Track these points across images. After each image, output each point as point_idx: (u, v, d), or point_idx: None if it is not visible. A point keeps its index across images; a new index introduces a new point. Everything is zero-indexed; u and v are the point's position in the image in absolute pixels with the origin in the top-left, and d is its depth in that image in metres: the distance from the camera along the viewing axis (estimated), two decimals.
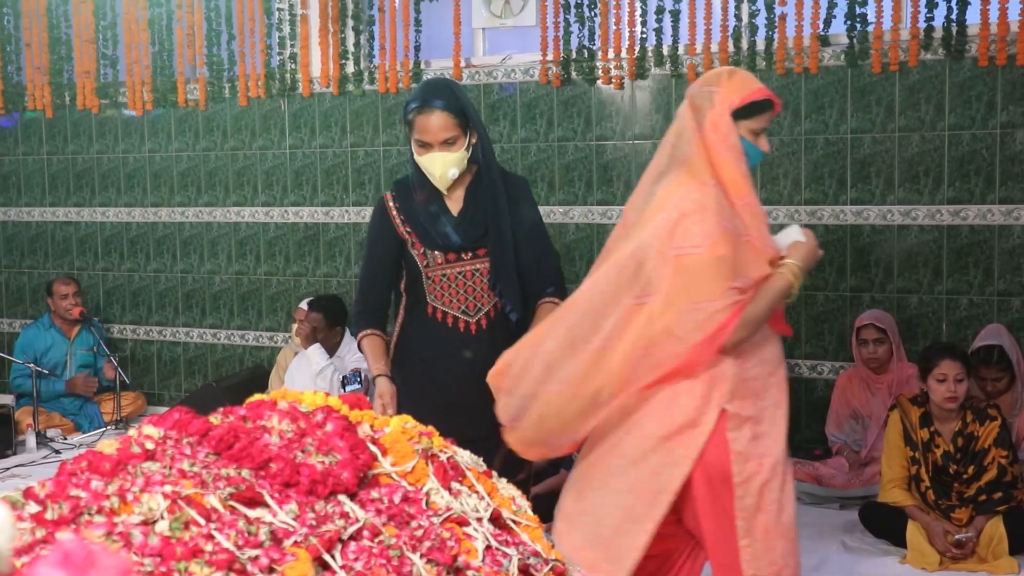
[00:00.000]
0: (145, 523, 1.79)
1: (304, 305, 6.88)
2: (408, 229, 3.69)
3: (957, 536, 4.81)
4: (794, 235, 3.16)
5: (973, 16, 5.80)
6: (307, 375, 6.67)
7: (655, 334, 2.98)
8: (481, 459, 2.37)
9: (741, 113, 3.05)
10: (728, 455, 3.03)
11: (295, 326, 6.79)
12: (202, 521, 1.82)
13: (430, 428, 2.44)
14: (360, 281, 3.88)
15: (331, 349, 6.69)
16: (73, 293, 7.54)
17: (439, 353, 3.67)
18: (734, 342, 2.99)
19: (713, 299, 2.95)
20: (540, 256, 3.74)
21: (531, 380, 3.13)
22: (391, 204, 3.73)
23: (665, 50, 6.47)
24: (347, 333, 6.82)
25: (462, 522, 2.19)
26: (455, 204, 3.70)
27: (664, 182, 3.10)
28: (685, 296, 2.96)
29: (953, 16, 5.80)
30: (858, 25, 6.01)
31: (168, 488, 1.86)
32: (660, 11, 6.42)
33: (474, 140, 3.64)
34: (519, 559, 2.18)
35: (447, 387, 3.67)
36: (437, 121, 3.52)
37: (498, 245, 3.66)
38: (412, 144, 3.62)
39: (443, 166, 3.53)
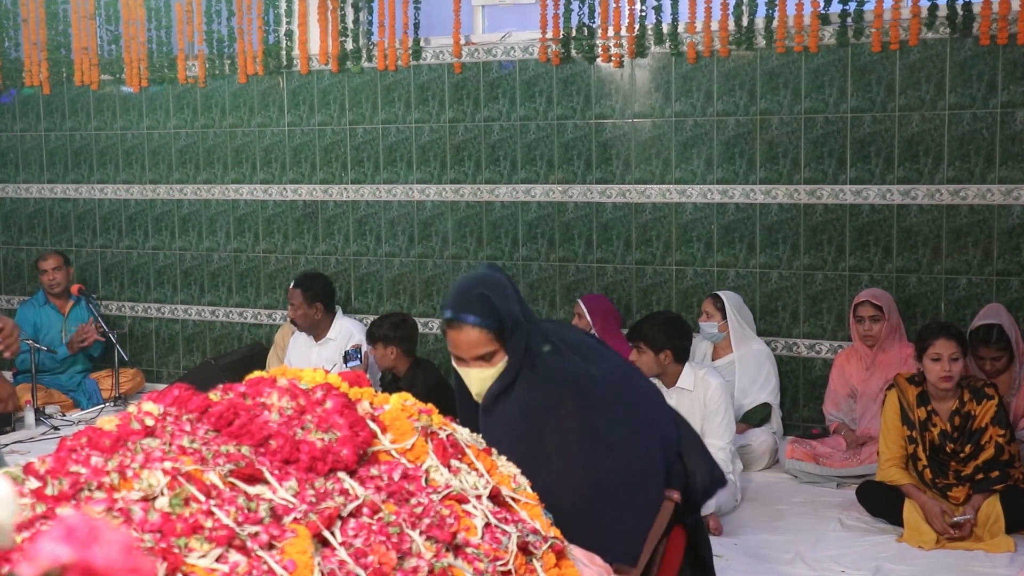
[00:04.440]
0: (145, 499, 1.79)
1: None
2: None
3: (955, 518, 4.83)
4: None
5: None
6: (305, 356, 6.68)
7: None
8: None
9: None
10: None
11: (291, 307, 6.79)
12: (202, 497, 1.82)
13: (429, 406, 2.44)
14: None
15: (313, 327, 6.67)
16: (53, 268, 7.51)
17: None
18: None
19: None
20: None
21: None
22: None
23: (665, 28, 6.45)
24: (338, 315, 6.80)
25: (461, 499, 2.20)
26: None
27: None
28: None
29: None
30: (852, 3, 5.99)
31: (168, 464, 1.87)
32: None
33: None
34: (518, 536, 2.19)
35: None
36: (469, 338, 2.98)
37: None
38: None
39: (479, 383, 3.06)
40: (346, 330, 6.69)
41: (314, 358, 6.54)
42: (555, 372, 3.03)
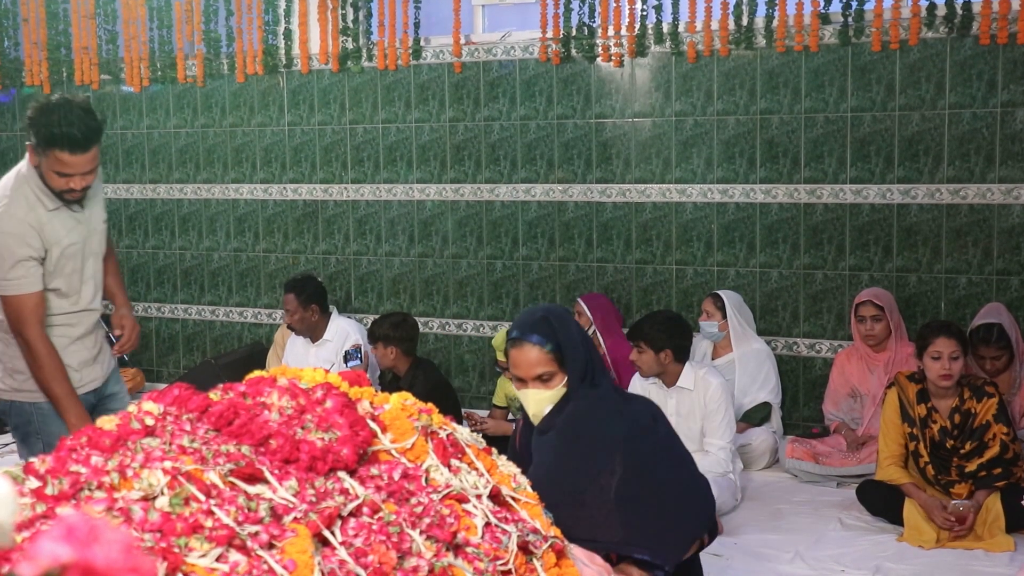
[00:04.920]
0: (145, 499, 1.79)
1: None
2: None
3: (954, 502, 4.81)
4: None
5: None
6: (302, 358, 6.67)
7: None
8: None
9: None
10: None
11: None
12: (202, 497, 1.82)
13: (429, 405, 2.44)
14: None
15: (310, 329, 6.65)
16: None
17: None
18: None
19: None
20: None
21: None
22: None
23: (665, 28, 6.45)
24: (334, 315, 6.78)
25: (461, 499, 2.20)
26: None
27: None
28: None
29: None
30: (854, 3, 6.00)
31: (168, 464, 1.87)
32: None
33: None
34: (518, 536, 2.19)
35: None
36: (529, 357, 3.15)
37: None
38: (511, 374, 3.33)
39: (536, 405, 3.18)
40: (342, 330, 6.68)
41: (311, 360, 6.53)
42: (607, 404, 3.15)
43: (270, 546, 1.79)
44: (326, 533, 1.89)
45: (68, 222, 3.87)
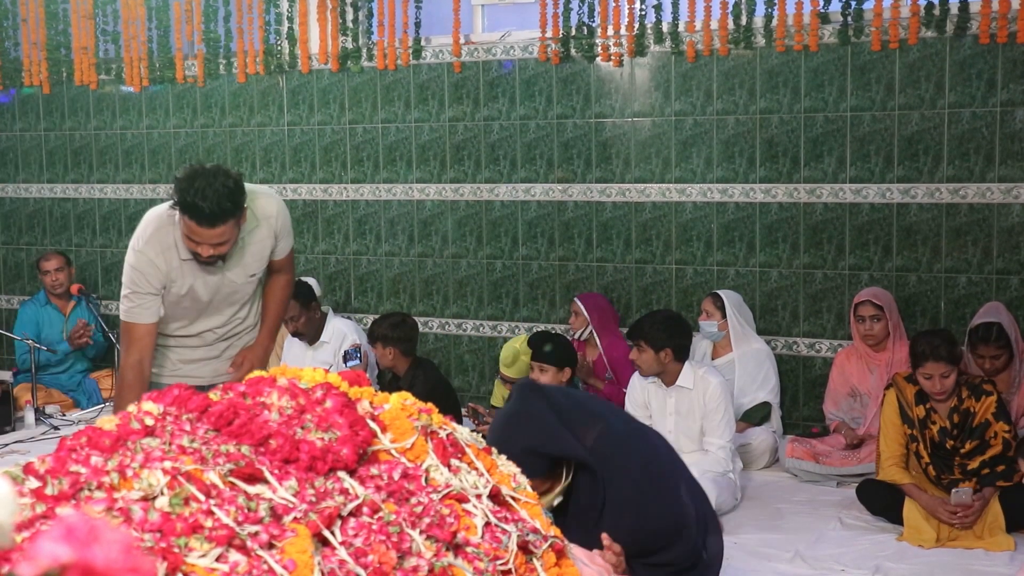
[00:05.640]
0: (145, 499, 1.79)
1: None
2: None
3: (955, 491, 4.80)
4: None
5: None
6: (300, 361, 6.67)
7: None
8: None
9: None
10: None
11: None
12: (202, 497, 1.82)
13: (429, 405, 2.44)
14: None
15: (314, 330, 6.65)
16: (55, 268, 7.47)
17: None
18: None
19: None
20: None
21: None
22: None
23: (665, 27, 6.45)
24: (329, 316, 6.77)
25: (461, 499, 2.20)
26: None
27: None
28: None
29: None
30: (853, 2, 6.00)
31: (168, 464, 1.87)
32: None
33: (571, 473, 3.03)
34: (518, 535, 2.19)
35: None
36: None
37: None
38: None
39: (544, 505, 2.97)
40: (339, 332, 6.67)
41: (308, 362, 6.52)
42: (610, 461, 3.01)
43: (270, 546, 1.79)
44: (326, 533, 1.89)
45: (198, 273, 3.92)
